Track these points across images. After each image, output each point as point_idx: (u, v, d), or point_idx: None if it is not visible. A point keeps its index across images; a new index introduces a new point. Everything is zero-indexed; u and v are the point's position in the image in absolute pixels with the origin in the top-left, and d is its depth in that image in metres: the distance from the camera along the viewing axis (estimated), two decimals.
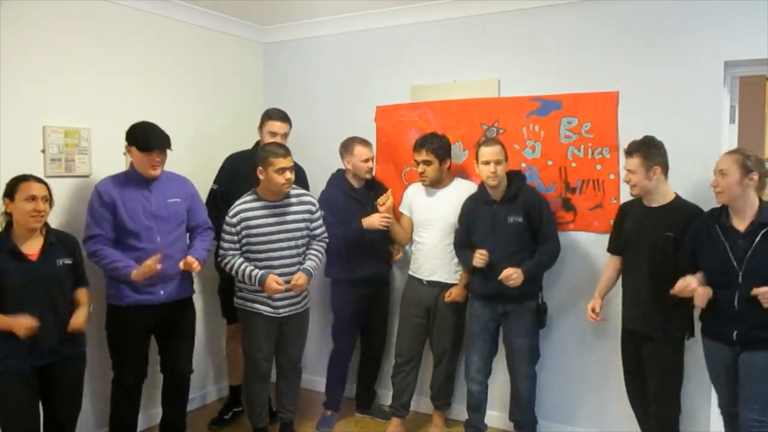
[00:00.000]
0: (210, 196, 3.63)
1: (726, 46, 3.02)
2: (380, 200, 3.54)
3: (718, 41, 3.03)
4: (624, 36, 3.26)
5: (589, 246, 3.38)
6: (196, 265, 3.09)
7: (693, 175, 2.98)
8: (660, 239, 2.78)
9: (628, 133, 3.14)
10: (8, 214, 2.61)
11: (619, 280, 3.04)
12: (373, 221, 3.49)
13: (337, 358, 3.80)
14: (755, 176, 2.52)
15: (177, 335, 3.19)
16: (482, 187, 3.30)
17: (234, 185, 3.49)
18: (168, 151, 3.06)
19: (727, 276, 2.54)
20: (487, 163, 3.14)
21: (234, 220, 3.11)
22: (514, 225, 3.15)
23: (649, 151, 2.79)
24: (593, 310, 3.03)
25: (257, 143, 3.65)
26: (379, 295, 3.80)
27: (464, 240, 3.32)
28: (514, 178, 3.25)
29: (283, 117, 3.62)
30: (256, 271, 3.08)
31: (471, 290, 3.36)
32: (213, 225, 3.38)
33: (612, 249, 3.08)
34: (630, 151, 2.84)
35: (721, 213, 2.63)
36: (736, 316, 2.52)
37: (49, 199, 2.64)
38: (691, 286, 2.57)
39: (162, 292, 3.05)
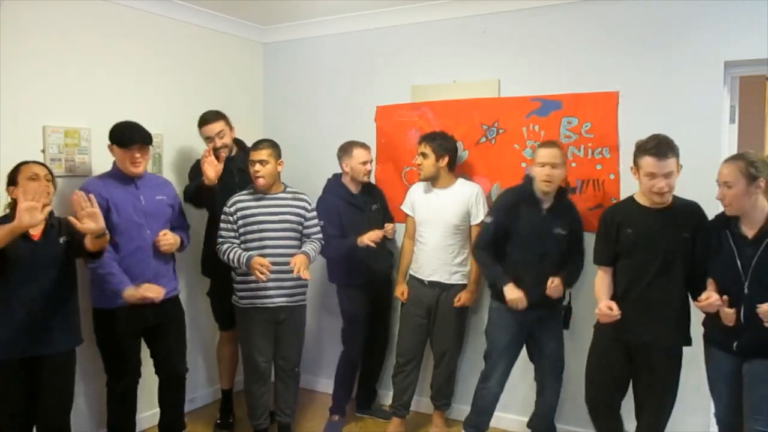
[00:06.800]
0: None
1: (726, 46, 3.02)
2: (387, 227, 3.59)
3: (718, 41, 3.03)
4: (624, 36, 3.26)
5: (588, 246, 3.36)
6: (169, 237, 3.07)
7: (693, 176, 2.96)
8: (679, 240, 2.62)
9: (628, 133, 3.14)
10: (13, 201, 2.63)
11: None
12: (363, 239, 3.42)
13: (349, 364, 3.73)
14: (762, 183, 2.36)
15: (167, 335, 3.16)
16: (526, 188, 3.12)
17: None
18: (150, 147, 3.05)
19: (733, 284, 2.42)
20: (543, 165, 2.97)
21: (231, 209, 3.23)
22: (559, 237, 3.06)
23: (676, 150, 2.61)
24: (610, 308, 2.64)
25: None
26: (383, 294, 3.79)
27: (492, 240, 3.09)
28: (559, 189, 3.11)
29: (212, 117, 3.49)
30: (244, 253, 3.13)
31: (501, 299, 3.12)
32: (189, 189, 3.44)
33: (604, 260, 2.82)
34: (664, 154, 2.56)
35: (731, 218, 2.49)
36: (739, 328, 2.41)
37: (51, 179, 2.72)
38: (714, 302, 2.40)
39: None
